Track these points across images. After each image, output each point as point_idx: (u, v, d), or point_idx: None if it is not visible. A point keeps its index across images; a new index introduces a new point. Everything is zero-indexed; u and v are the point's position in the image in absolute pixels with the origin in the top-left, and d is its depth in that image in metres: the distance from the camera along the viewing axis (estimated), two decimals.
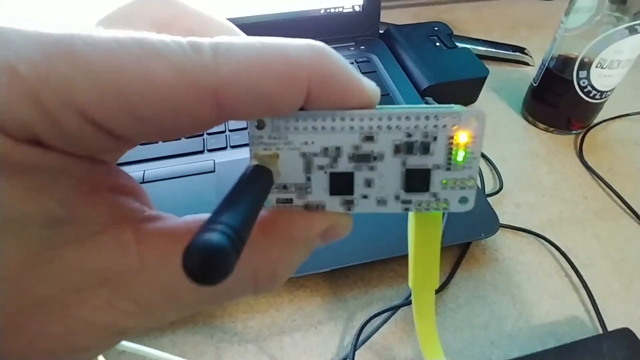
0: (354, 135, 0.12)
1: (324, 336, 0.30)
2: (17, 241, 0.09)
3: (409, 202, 0.13)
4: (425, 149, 0.12)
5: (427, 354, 0.19)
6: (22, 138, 0.09)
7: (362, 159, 0.13)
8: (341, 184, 0.13)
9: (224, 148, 0.38)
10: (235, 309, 0.31)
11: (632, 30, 0.36)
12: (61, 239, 0.10)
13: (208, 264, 0.08)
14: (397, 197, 0.13)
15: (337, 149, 0.12)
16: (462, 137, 0.12)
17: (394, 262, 0.33)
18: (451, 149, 0.12)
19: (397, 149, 0.12)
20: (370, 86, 0.12)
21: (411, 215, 0.15)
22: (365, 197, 0.13)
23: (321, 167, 0.13)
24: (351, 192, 0.13)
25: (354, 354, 0.27)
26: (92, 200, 0.11)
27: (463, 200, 0.13)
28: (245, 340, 0.29)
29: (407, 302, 0.30)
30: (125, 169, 0.13)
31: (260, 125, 0.12)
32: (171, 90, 0.09)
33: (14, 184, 0.09)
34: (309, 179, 0.13)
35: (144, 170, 0.35)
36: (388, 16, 0.61)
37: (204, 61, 0.09)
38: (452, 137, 0.12)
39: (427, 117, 0.12)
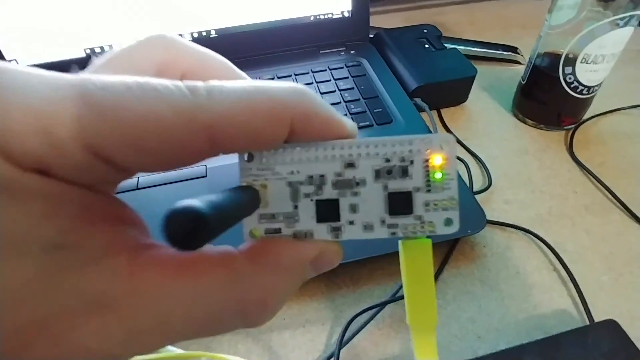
0: (336, 163, 0.13)
1: (312, 334, 0.30)
2: (17, 263, 0.10)
3: (395, 226, 0.14)
4: (404, 172, 0.13)
5: None
6: (29, 167, 0.10)
7: (345, 185, 0.13)
8: (327, 211, 0.13)
9: None
10: None
11: (613, 25, 0.36)
12: (60, 264, 0.10)
13: (187, 225, 0.08)
14: (383, 222, 0.13)
15: (321, 176, 0.13)
16: (436, 159, 0.13)
17: (383, 260, 0.33)
18: (428, 171, 0.13)
19: (377, 174, 0.13)
20: (347, 121, 0.13)
21: (401, 251, 0.15)
22: (351, 222, 0.13)
23: (307, 195, 0.13)
24: (337, 219, 0.13)
25: (339, 352, 0.28)
26: (91, 228, 0.11)
27: (448, 222, 0.13)
28: (235, 339, 0.30)
29: (394, 299, 0.31)
30: None
31: (249, 159, 0.13)
32: (170, 125, 0.10)
33: (17, 209, 0.09)
34: (296, 207, 0.13)
35: (138, 177, 0.37)
36: (380, 20, 0.62)
37: (199, 101, 0.11)
38: (427, 160, 0.13)
39: (401, 144, 0.13)
